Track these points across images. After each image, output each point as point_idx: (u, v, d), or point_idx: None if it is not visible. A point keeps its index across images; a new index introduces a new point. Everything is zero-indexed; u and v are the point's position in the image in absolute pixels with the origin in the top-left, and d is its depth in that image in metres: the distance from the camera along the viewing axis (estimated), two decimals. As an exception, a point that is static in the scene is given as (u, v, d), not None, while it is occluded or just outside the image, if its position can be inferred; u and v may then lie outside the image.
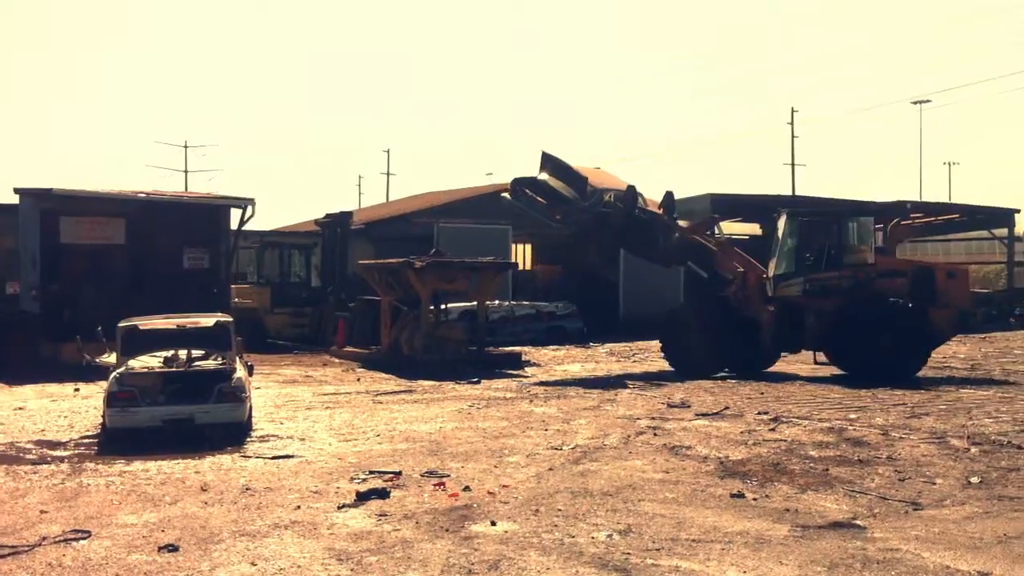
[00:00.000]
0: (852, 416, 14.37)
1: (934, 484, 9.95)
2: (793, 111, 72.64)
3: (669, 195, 21.93)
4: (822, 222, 21.02)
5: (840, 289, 19.76)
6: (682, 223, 21.79)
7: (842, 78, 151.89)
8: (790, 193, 60.24)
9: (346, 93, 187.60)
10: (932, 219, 41.46)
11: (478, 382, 18.82)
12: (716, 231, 21.49)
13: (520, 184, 21.32)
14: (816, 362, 20.56)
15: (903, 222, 28.71)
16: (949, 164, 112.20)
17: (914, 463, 10.96)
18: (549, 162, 21.23)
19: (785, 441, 12.32)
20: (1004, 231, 42.01)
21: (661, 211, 21.37)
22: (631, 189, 20.83)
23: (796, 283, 20.11)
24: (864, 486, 9.85)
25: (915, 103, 70.70)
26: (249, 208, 24.00)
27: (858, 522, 8.44)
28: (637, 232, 20.88)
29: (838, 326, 19.29)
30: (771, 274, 20.60)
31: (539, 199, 21.11)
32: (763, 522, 8.41)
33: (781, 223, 20.81)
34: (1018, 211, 41.23)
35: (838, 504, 9.13)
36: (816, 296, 19.85)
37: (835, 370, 19.91)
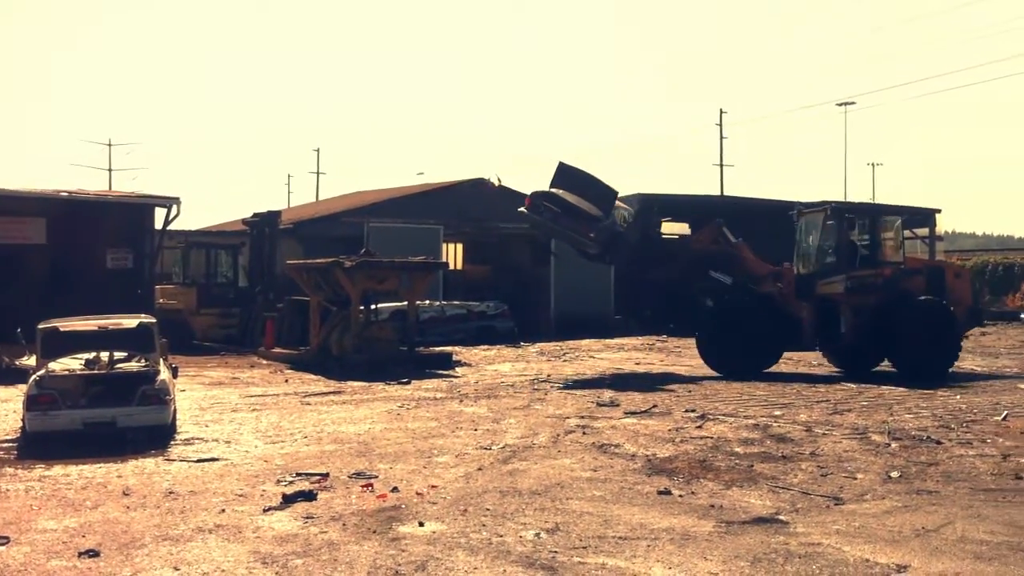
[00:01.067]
0: (777, 413, 14.61)
1: (855, 479, 10.16)
2: (722, 112, 73.15)
3: (659, 212, 21.98)
4: (855, 220, 20.99)
5: (876, 287, 20.04)
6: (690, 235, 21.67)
7: (770, 80, 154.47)
8: (719, 193, 61.11)
9: (275, 91, 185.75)
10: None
11: (408, 382, 18.73)
12: (727, 234, 21.27)
13: (540, 198, 20.46)
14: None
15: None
16: (873, 165, 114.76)
17: (836, 458, 11.18)
18: (566, 174, 20.38)
19: (711, 438, 12.48)
20: (925, 231, 42.96)
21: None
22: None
23: (838, 280, 20.18)
24: (787, 482, 10.02)
25: (840, 105, 71.43)
26: (174, 207, 23.70)
27: (781, 517, 8.58)
28: (652, 250, 20.79)
29: (875, 323, 19.54)
30: (800, 271, 20.76)
31: (560, 212, 20.28)
32: (689, 518, 8.51)
33: (815, 220, 20.83)
34: (939, 211, 41.91)
35: (762, 500, 9.27)
36: (856, 293, 20.01)
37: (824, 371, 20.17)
